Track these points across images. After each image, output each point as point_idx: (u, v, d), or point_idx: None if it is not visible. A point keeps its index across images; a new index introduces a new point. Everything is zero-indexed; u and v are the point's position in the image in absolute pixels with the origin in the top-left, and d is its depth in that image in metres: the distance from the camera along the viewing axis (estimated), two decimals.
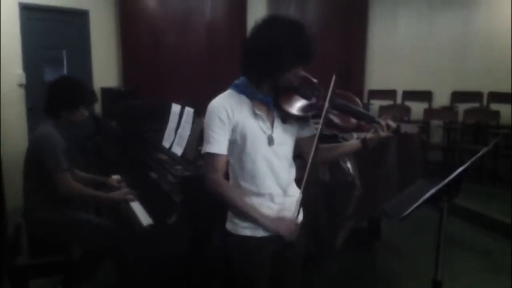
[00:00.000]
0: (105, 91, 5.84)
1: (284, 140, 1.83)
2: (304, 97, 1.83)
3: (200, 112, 2.78)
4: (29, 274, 2.63)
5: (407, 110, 6.84)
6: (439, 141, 6.71)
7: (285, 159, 1.84)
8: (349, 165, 2.79)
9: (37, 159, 2.57)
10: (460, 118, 6.49)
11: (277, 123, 1.82)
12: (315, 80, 1.86)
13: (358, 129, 2.05)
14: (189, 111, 2.86)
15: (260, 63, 1.70)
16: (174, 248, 2.30)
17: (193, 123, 2.77)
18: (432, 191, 1.60)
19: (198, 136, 2.66)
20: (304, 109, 1.81)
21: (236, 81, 1.83)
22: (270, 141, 1.78)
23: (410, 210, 1.57)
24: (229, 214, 1.88)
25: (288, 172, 1.87)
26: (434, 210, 1.69)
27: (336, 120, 1.86)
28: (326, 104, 1.75)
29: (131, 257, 2.65)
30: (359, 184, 2.82)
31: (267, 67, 1.70)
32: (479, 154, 1.69)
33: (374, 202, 2.95)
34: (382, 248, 4.16)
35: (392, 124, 1.83)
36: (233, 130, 1.75)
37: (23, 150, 2.75)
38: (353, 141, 1.93)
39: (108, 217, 2.89)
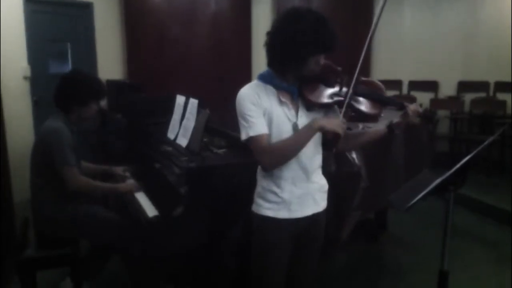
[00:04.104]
0: (110, 84, 5.82)
1: None
2: (327, 84, 1.86)
3: (204, 105, 2.78)
4: (37, 266, 2.64)
5: (413, 100, 6.79)
6: (446, 132, 6.67)
7: (310, 146, 1.85)
8: (354, 155, 2.77)
9: (44, 153, 2.55)
10: (467, 108, 6.45)
11: (302, 112, 1.85)
12: (338, 68, 1.89)
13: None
14: (193, 102, 2.85)
15: (281, 53, 1.75)
16: (181, 242, 2.30)
17: (198, 114, 2.77)
18: (438, 181, 1.59)
19: (203, 127, 2.65)
20: (327, 96, 1.85)
21: (261, 72, 1.87)
22: (295, 128, 1.81)
23: (415, 200, 1.56)
24: (255, 195, 1.92)
25: (313, 159, 1.89)
26: (440, 201, 1.67)
27: (362, 107, 1.87)
28: (350, 91, 1.79)
29: (138, 251, 2.65)
30: (365, 175, 2.80)
31: (288, 57, 1.74)
32: (484, 144, 1.67)
33: (380, 194, 2.92)
34: (388, 240, 4.15)
35: (419, 109, 1.85)
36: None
37: (29, 143, 2.75)
38: (379, 127, 1.95)
39: (115, 210, 2.90)
